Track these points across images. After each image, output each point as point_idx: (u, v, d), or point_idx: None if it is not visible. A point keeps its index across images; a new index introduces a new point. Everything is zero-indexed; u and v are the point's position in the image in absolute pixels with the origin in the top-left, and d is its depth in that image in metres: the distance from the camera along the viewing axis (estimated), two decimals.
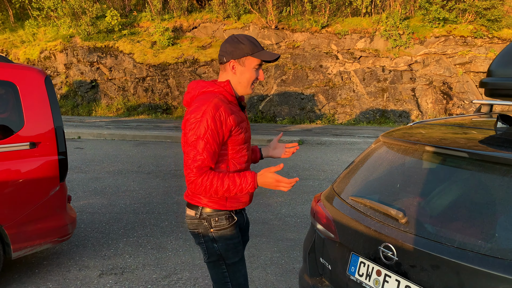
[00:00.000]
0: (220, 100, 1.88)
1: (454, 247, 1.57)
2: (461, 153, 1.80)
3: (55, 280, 3.30)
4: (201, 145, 1.81)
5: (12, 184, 2.98)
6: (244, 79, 1.97)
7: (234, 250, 2.04)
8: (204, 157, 1.82)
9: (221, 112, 1.84)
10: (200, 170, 1.82)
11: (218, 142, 1.86)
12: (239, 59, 1.93)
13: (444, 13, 14.93)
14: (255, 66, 1.95)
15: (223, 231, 2.01)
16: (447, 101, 15.10)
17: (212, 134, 1.82)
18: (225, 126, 1.86)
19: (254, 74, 1.97)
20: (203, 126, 1.81)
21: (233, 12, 16.06)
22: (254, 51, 1.93)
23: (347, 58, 15.67)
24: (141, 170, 7.13)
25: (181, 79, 15.64)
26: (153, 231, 4.37)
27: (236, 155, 1.98)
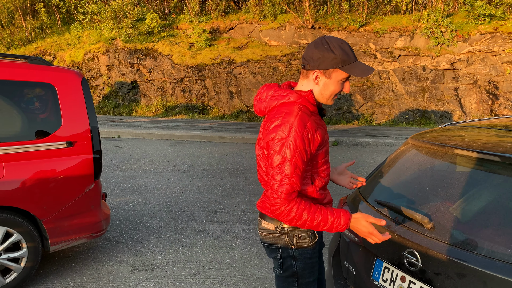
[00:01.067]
0: (304, 114, 1.69)
1: (481, 255, 1.50)
2: (492, 156, 1.71)
3: (89, 274, 3.43)
4: (289, 168, 1.64)
5: (50, 181, 3.14)
6: (327, 91, 1.76)
7: (311, 269, 1.91)
8: (293, 181, 1.65)
9: (308, 130, 1.67)
10: (288, 196, 1.65)
11: (306, 162, 1.71)
12: (326, 70, 1.71)
13: (491, 9, 14.22)
14: (343, 79, 1.74)
15: (305, 249, 1.87)
16: (493, 101, 14.37)
17: (301, 155, 1.66)
18: (313, 144, 1.70)
19: (339, 87, 1.76)
20: (291, 148, 1.64)
21: (269, 12, 16.07)
22: (345, 64, 1.70)
23: (385, 57, 15.28)
24: (176, 169, 7.28)
25: (218, 79, 15.84)
26: (184, 229, 4.45)
27: (320, 169, 1.84)
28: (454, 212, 1.75)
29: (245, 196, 5.71)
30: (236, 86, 15.63)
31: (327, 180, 1.89)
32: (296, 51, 15.85)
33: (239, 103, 15.56)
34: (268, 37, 16.24)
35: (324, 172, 1.86)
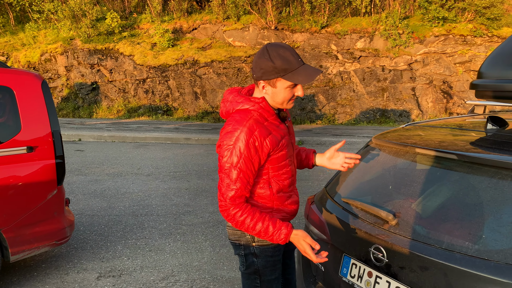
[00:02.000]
0: (255, 121, 1.74)
1: (442, 248, 1.59)
2: (451, 155, 1.82)
3: (53, 283, 3.32)
4: (234, 174, 1.71)
5: (10, 188, 3.01)
6: (278, 99, 1.78)
7: (272, 267, 1.96)
8: (237, 187, 1.72)
9: (256, 137, 1.71)
10: (233, 201, 1.74)
11: (253, 169, 1.75)
12: (270, 80, 1.73)
13: (444, 12, 14.93)
14: (289, 86, 1.73)
15: (266, 247, 1.92)
16: (448, 100, 15.09)
17: (246, 162, 1.71)
18: (261, 151, 1.74)
19: (289, 93, 1.76)
20: (235, 155, 1.70)
21: (232, 13, 16.09)
22: (287, 72, 1.69)
23: (347, 58, 15.67)
24: (140, 172, 7.15)
25: (181, 80, 15.68)
26: (152, 233, 4.39)
27: (277, 173, 1.85)
28: (416, 209, 1.84)
29: (213, 197, 5.69)
30: (200, 87, 15.53)
31: (288, 183, 1.91)
32: None
33: (204, 104, 15.47)
34: (232, 37, 16.25)
35: (283, 175, 1.88)
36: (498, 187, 1.63)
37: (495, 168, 1.67)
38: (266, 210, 1.89)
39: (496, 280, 1.42)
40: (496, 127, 2.04)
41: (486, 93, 2.13)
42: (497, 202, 1.61)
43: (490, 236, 1.54)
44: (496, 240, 1.51)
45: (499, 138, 1.92)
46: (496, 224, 1.56)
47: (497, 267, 1.44)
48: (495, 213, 1.59)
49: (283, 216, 1.94)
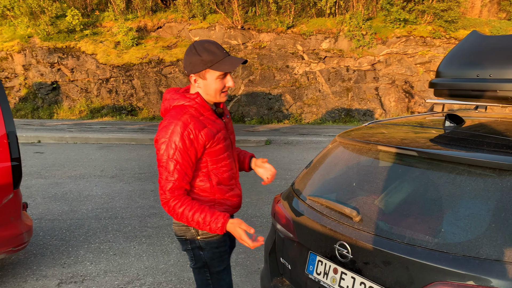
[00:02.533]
0: (190, 115, 1.81)
1: (404, 243, 1.63)
2: (411, 152, 1.86)
3: None
4: (171, 166, 1.78)
5: None
6: (210, 90, 1.87)
7: (219, 258, 2.02)
8: (175, 178, 1.78)
9: (190, 130, 1.78)
10: (173, 192, 1.80)
11: (190, 161, 1.81)
12: (199, 73, 1.84)
13: (405, 14, 15.42)
14: (218, 76, 1.84)
15: (210, 239, 1.97)
16: (409, 99, 15.59)
17: (182, 154, 1.78)
18: (197, 143, 1.81)
19: (219, 84, 1.86)
20: (171, 147, 1.77)
21: (198, 12, 15.94)
22: (213, 63, 1.81)
23: (312, 59, 15.89)
24: (104, 174, 6.95)
25: (146, 79, 15.38)
26: (116, 237, 4.27)
27: (215, 165, 1.93)
28: (379, 205, 1.88)
29: None
30: (166, 86, 15.28)
31: (227, 176, 1.98)
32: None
33: None
34: (198, 36, 16.10)
35: (222, 168, 1.95)
36: (456, 182, 1.69)
37: (453, 164, 1.73)
38: (209, 203, 1.95)
39: (454, 272, 1.47)
40: (454, 124, 2.12)
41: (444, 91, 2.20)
42: (455, 196, 1.66)
43: (449, 230, 1.59)
44: (454, 234, 1.57)
45: (456, 135, 1.99)
46: (454, 218, 1.62)
47: (455, 260, 1.49)
48: (453, 207, 1.65)
49: (225, 209, 2.01)
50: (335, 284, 1.87)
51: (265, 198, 5.69)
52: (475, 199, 1.62)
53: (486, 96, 2.02)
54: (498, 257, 1.44)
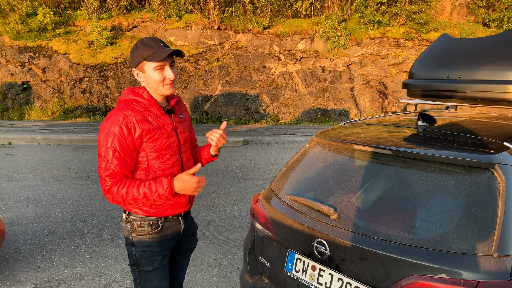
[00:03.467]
0: (131, 108, 1.86)
1: (380, 239, 1.68)
2: (385, 150, 1.92)
3: None
4: (110, 154, 1.80)
5: None
6: (151, 82, 1.91)
7: (150, 258, 1.99)
8: (114, 164, 1.79)
9: (128, 119, 1.82)
10: (113, 178, 1.80)
11: (129, 149, 1.83)
12: (138, 66, 1.90)
13: (378, 16, 15.74)
14: (155, 68, 1.88)
15: (143, 236, 1.97)
16: (383, 99, 15.92)
17: (120, 142, 1.80)
18: (134, 133, 1.83)
19: (158, 75, 1.89)
20: (109, 135, 1.80)
21: (174, 11, 15.81)
22: (147, 55, 1.86)
23: (289, 59, 16.01)
24: (78, 176, 6.81)
25: (121, 79, 15.14)
26: (92, 239, 4.20)
27: (155, 161, 1.92)
28: (356, 202, 1.92)
29: None
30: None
31: (168, 174, 1.95)
32: (203, 52, 15.83)
33: None
34: (174, 36, 15.98)
35: (162, 165, 1.93)
36: (428, 179, 1.75)
37: (425, 162, 1.79)
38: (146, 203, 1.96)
39: (427, 266, 1.52)
40: (426, 124, 2.19)
41: (416, 92, 2.27)
42: (428, 193, 1.72)
43: (422, 226, 1.65)
44: (427, 229, 1.62)
45: (428, 134, 2.06)
46: (427, 214, 1.68)
47: (428, 254, 1.55)
48: (426, 203, 1.71)
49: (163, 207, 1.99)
50: (313, 281, 1.91)
51: (244, 198, 5.70)
52: (446, 196, 1.69)
53: (456, 96, 2.10)
54: (468, 251, 1.50)
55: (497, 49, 1.99)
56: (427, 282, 1.51)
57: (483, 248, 1.49)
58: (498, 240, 1.48)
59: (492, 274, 1.43)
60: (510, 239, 1.49)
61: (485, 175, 1.64)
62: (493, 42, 2.04)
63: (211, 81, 15.56)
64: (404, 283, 1.56)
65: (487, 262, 1.46)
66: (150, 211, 1.97)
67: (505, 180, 1.60)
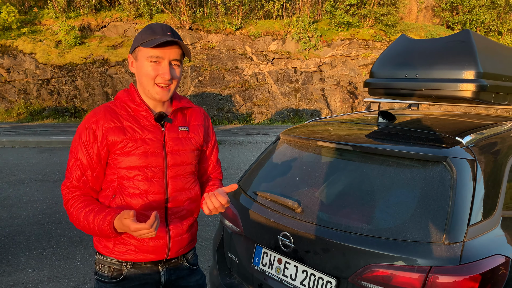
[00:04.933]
0: (109, 110, 1.50)
1: (341, 230, 1.75)
2: (346, 146, 2.00)
3: None
4: (70, 161, 1.48)
5: None
6: (141, 76, 1.50)
7: None
8: (73, 176, 1.46)
9: (96, 121, 1.46)
10: (70, 192, 1.48)
11: (90, 160, 1.46)
12: (133, 51, 1.52)
13: (348, 18, 16.06)
14: (149, 58, 1.46)
15: (102, 282, 1.55)
16: (353, 99, 16.26)
17: (81, 149, 1.46)
18: (101, 139, 1.45)
19: (150, 68, 1.46)
20: (75, 140, 1.48)
21: (145, 11, 15.62)
22: (146, 39, 1.46)
23: (261, 60, 16.11)
24: (46, 179, 6.65)
25: (91, 80, 14.83)
26: (60, 242, 4.12)
27: (123, 182, 1.49)
28: (319, 196, 2.00)
29: None
30: (112, 87, 14.84)
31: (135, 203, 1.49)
32: None
33: None
34: None
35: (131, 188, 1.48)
36: (386, 173, 1.84)
37: (384, 157, 1.88)
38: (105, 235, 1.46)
39: (385, 255, 1.61)
40: (386, 120, 2.29)
41: (377, 90, 2.37)
42: (386, 186, 1.81)
43: (380, 217, 1.73)
44: (385, 220, 1.71)
45: (387, 130, 2.16)
46: (384, 205, 1.77)
47: (385, 243, 1.63)
48: (384, 196, 1.80)
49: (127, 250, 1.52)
50: (279, 274, 1.97)
51: None
52: (403, 188, 1.78)
53: (413, 94, 2.21)
54: (422, 239, 1.59)
55: (449, 50, 2.11)
56: (384, 269, 1.59)
57: (435, 236, 1.58)
58: (449, 229, 1.58)
59: (443, 259, 1.53)
60: (459, 227, 1.59)
61: (438, 168, 1.74)
62: (446, 43, 2.16)
63: (183, 82, 15.47)
64: (364, 271, 1.63)
65: (439, 249, 1.55)
66: (113, 250, 1.53)
67: (456, 172, 1.71)
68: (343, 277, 1.70)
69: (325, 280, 1.77)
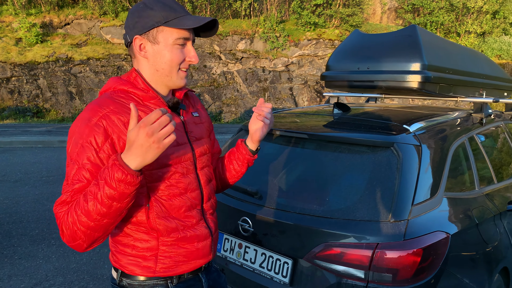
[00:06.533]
0: (116, 102, 1.20)
1: (296, 213, 1.84)
2: (303, 135, 2.10)
3: None
4: (72, 170, 1.14)
5: None
6: (162, 63, 1.24)
7: None
8: (73, 189, 1.13)
9: (105, 116, 1.15)
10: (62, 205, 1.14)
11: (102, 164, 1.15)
12: (147, 32, 1.23)
13: (314, 18, 16.35)
14: (176, 40, 1.23)
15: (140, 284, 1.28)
16: (320, 99, 16.57)
17: (88, 153, 1.13)
18: (118, 141, 1.16)
19: (178, 53, 1.24)
20: (76, 144, 1.15)
21: (110, 9, 15.34)
22: (170, 17, 1.22)
23: (229, 59, 16.15)
24: (6, 179, 6.44)
25: (54, 79, 14.42)
26: (21, 241, 4.03)
27: (157, 185, 1.23)
28: (278, 183, 2.08)
29: None
30: (76, 86, 14.49)
31: (178, 204, 1.26)
32: None
33: (81, 105, 14.46)
34: (110, 34, 15.50)
35: (169, 189, 1.25)
36: (339, 159, 1.95)
37: (337, 144, 1.99)
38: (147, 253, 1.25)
39: (336, 234, 1.71)
40: (341, 111, 2.41)
41: (333, 83, 2.49)
42: (339, 171, 1.92)
43: (332, 199, 1.84)
44: (337, 202, 1.82)
45: (341, 120, 2.27)
46: (337, 188, 1.87)
47: (337, 223, 1.73)
48: (337, 180, 1.90)
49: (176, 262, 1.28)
50: (240, 258, 2.04)
51: None
52: (354, 172, 1.89)
53: (365, 86, 2.34)
54: (370, 218, 1.71)
55: (397, 44, 2.25)
56: (336, 247, 1.70)
57: (382, 215, 1.70)
58: (394, 208, 1.70)
59: (389, 236, 1.65)
60: (404, 207, 1.71)
61: (386, 153, 1.86)
62: (394, 37, 2.30)
63: None
64: (318, 249, 1.73)
65: (385, 226, 1.67)
66: (155, 268, 1.26)
67: (402, 157, 1.83)
68: (299, 256, 1.79)
69: (282, 261, 1.85)
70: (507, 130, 3.00)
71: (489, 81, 2.96)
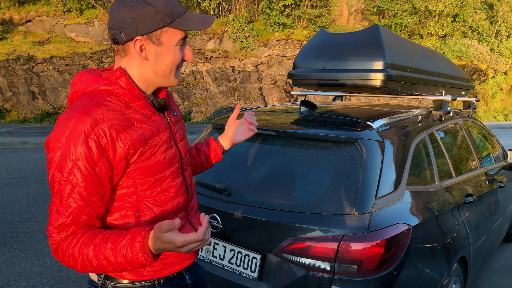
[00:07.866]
0: (106, 107, 1.11)
1: (264, 208, 1.87)
2: (271, 132, 2.13)
3: None
4: (65, 191, 1.07)
5: None
6: (164, 65, 1.19)
7: None
8: (69, 211, 1.07)
9: (102, 131, 1.08)
10: (63, 230, 1.08)
11: (100, 184, 1.09)
12: (152, 33, 1.15)
13: (283, 19, 16.51)
14: (179, 41, 1.19)
15: None
16: (290, 99, 16.74)
17: (84, 172, 1.06)
18: (113, 153, 1.10)
19: (178, 54, 1.20)
20: (67, 160, 1.06)
21: (74, 6, 14.90)
22: (174, 17, 1.15)
23: (198, 58, 16.05)
24: None
25: (14, 78, 13.86)
26: None
27: (150, 191, 1.20)
28: (246, 179, 2.10)
29: None
30: (39, 86, 13.99)
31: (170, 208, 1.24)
32: (108, 49, 15.17)
33: (44, 105, 13.98)
34: (75, 32, 15.06)
35: (162, 196, 1.22)
36: (306, 155, 1.99)
37: (303, 140, 2.03)
38: None
39: (303, 227, 1.75)
40: (307, 109, 2.46)
41: (299, 81, 2.54)
42: (305, 166, 1.96)
43: (299, 194, 1.87)
44: (303, 196, 1.85)
45: (308, 117, 2.32)
46: (304, 183, 1.91)
47: (304, 217, 1.77)
48: (303, 175, 1.94)
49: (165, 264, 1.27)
50: (209, 255, 2.05)
51: None
52: (320, 167, 1.94)
53: (330, 84, 2.40)
54: (335, 211, 1.75)
55: (361, 43, 2.32)
56: (303, 241, 1.73)
57: (347, 208, 1.75)
58: (358, 201, 1.76)
59: (354, 228, 1.70)
60: (367, 200, 1.77)
61: (350, 148, 1.92)
62: (358, 36, 2.37)
63: None
64: (285, 243, 1.76)
65: (350, 219, 1.72)
66: (144, 271, 1.24)
67: (366, 152, 1.89)
68: (267, 251, 1.82)
69: (251, 257, 1.88)
70: (465, 127, 3.15)
71: (448, 80, 3.09)
